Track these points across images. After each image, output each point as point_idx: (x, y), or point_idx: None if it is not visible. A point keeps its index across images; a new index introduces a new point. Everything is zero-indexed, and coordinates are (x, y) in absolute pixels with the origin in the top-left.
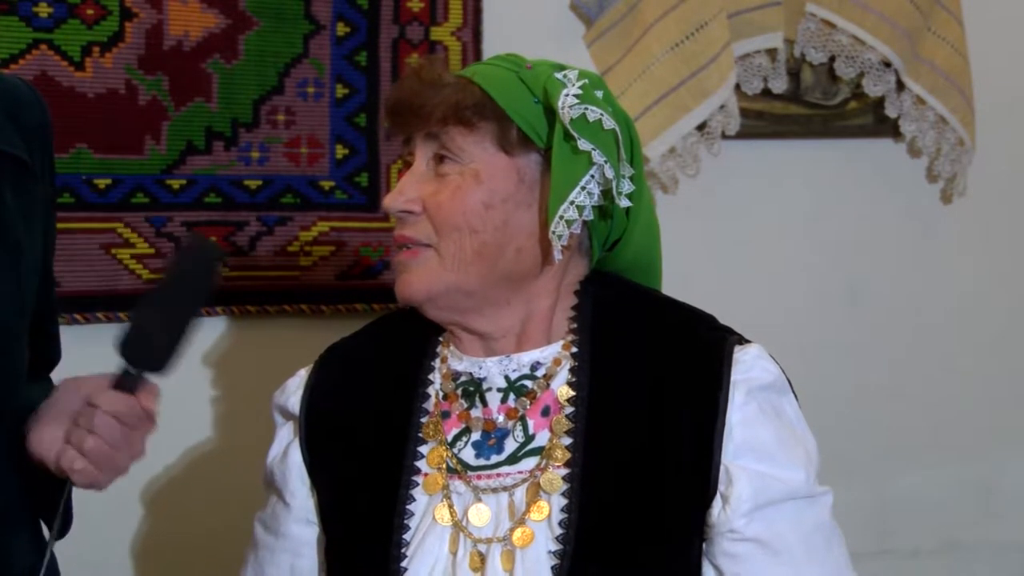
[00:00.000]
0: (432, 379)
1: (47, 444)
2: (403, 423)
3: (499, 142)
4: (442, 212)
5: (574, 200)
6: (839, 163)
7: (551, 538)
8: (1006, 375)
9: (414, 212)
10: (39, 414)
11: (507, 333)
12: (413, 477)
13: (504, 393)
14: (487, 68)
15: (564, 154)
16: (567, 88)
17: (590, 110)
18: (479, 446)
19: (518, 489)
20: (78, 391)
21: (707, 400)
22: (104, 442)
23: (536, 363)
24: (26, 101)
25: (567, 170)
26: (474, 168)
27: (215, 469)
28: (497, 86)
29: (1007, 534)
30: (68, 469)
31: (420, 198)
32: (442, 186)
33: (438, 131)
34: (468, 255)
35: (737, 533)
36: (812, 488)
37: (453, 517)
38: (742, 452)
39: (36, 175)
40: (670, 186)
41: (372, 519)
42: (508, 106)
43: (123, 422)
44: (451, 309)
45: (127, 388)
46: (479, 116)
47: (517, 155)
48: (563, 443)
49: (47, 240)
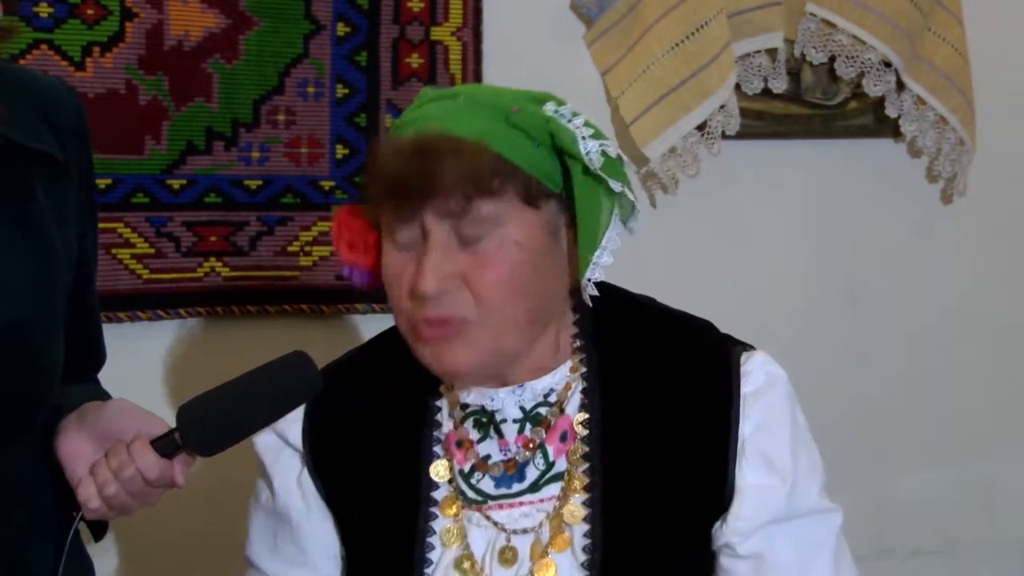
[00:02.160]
0: (440, 406)
1: (74, 456)
2: (415, 459)
3: (524, 199)
4: (494, 289)
5: (606, 246)
6: (839, 163)
7: (575, 565)
8: (1006, 375)
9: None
10: (81, 418)
11: (523, 364)
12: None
13: (520, 424)
14: (473, 121)
15: (590, 199)
16: (578, 132)
17: (605, 146)
18: (498, 476)
19: (543, 527)
20: (127, 421)
21: (718, 416)
22: (125, 493)
23: (550, 390)
24: (62, 101)
25: (594, 215)
26: (511, 234)
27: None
28: (504, 143)
29: (1007, 534)
30: (83, 503)
31: (458, 274)
32: (479, 258)
33: (463, 206)
34: (522, 322)
35: (731, 549)
36: (818, 504)
37: (474, 569)
38: (751, 465)
39: (71, 175)
40: (670, 186)
41: (392, 564)
42: (522, 162)
43: (149, 483)
44: (494, 373)
45: (166, 451)
46: (500, 179)
47: (542, 207)
48: (580, 471)
49: (84, 241)
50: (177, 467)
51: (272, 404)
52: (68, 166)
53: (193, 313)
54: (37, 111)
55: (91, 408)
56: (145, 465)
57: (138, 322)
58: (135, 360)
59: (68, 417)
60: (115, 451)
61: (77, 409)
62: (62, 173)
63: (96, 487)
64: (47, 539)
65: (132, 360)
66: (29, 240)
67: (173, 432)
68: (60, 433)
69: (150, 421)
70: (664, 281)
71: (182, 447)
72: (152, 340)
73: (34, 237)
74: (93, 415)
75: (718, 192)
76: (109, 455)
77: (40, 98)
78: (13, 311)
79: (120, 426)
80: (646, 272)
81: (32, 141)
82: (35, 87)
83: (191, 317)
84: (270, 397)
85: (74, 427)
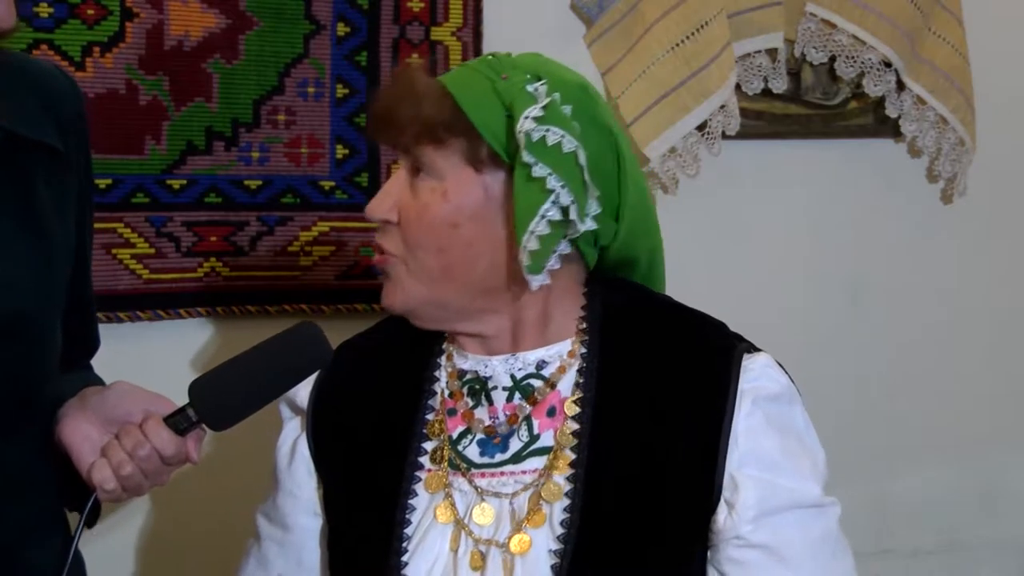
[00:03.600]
0: (438, 376)
1: (80, 439)
2: (408, 420)
3: (468, 158)
4: (411, 229)
5: (534, 231)
6: (839, 163)
7: (552, 538)
8: (1006, 375)
9: (391, 222)
10: (83, 402)
11: (500, 333)
12: (416, 473)
13: (510, 392)
14: (466, 75)
15: (522, 179)
16: (528, 109)
17: (551, 132)
18: (484, 444)
19: (519, 497)
20: (131, 403)
21: (713, 408)
22: (141, 473)
23: (542, 361)
24: (63, 91)
25: (526, 196)
26: (443, 186)
27: (216, 467)
28: (470, 99)
29: (1007, 534)
30: (99, 486)
31: (397, 207)
32: (415, 200)
33: (411, 146)
34: (435, 272)
35: (743, 540)
36: (819, 498)
37: (455, 515)
38: (747, 461)
39: (70, 165)
40: (670, 186)
41: (374, 514)
42: (479, 122)
43: (165, 461)
44: (434, 319)
45: (179, 428)
46: (449, 132)
47: (485, 171)
48: (568, 448)
49: (82, 231)
50: (191, 443)
51: (283, 375)
52: (68, 156)
53: (193, 313)
54: (38, 101)
55: (93, 392)
56: (161, 443)
57: (138, 322)
58: (135, 360)
59: (69, 403)
60: (127, 432)
61: (78, 394)
62: (62, 164)
63: (112, 468)
64: (47, 535)
65: (132, 360)
66: (29, 232)
67: (186, 408)
68: (63, 419)
69: (156, 400)
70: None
71: (197, 422)
72: (152, 340)
73: (34, 229)
74: (97, 399)
75: (718, 192)
76: (121, 436)
77: (41, 88)
78: (12, 303)
79: (126, 407)
80: None
81: (34, 132)
82: (36, 76)
83: (191, 317)
84: (281, 368)
85: (78, 412)
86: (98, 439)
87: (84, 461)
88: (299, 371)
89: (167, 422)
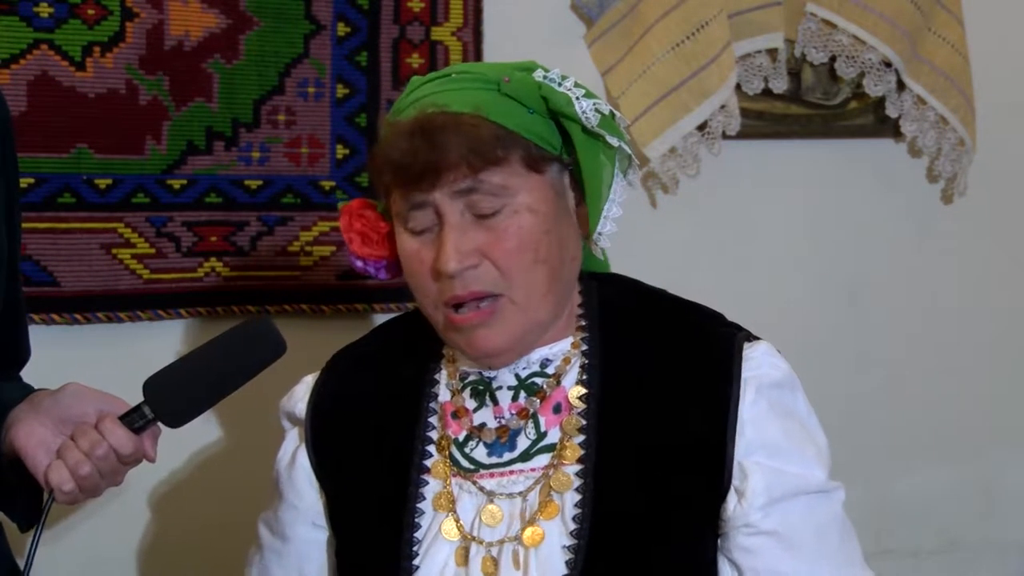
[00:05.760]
0: (438, 379)
1: (35, 443)
2: (410, 426)
3: (528, 165)
4: (508, 257)
5: (615, 198)
6: (839, 163)
7: (565, 533)
8: (1006, 375)
9: (473, 266)
10: (34, 406)
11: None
12: (422, 476)
13: (515, 391)
14: (468, 95)
15: (591, 157)
16: (571, 92)
17: (599, 104)
18: (491, 444)
19: (531, 493)
20: (86, 403)
21: (718, 396)
22: (98, 473)
23: (546, 360)
24: None
25: (598, 171)
26: (523, 201)
27: (217, 468)
28: (501, 113)
29: (1007, 534)
30: (56, 487)
31: (477, 250)
32: (497, 231)
33: (469, 182)
34: (543, 286)
35: (753, 527)
36: (825, 483)
37: (461, 531)
38: (754, 449)
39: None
40: (670, 186)
41: (381, 523)
42: (518, 127)
43: (122, 459)
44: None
45: (135, 426)
46: (503, 148)
47: (546, 171)
48: (575, 441)
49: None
50: (147, 441)
51: (238, 370)
52: None
53: (193, 313)
54: None
55: (44, 395)
56: (118, 441)
57: (138, 322)
58: (135, 360)
59: (18, 407)
60: (82, 432)
61: (26, 399)
62: None
63: (68, 469)
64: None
65: (132, 360)
66: None
67: (141, 406)
68: (14, 425)
69: (109, 400)
70: (664, 281)
71: (152, 420)
72: (152, 340)
73: None
74: (49, 401)
75: (718, 192)
76: (76, 437)
77: None
78: None
79: (80, 408)
80: (646, 271)
81: None
82: None
83: (191, 317)
84: (235, 363)
85: (30, 416)
86: (52, 441)
87: (39, 464)
88: (253, 366)
89: (123, 420)
